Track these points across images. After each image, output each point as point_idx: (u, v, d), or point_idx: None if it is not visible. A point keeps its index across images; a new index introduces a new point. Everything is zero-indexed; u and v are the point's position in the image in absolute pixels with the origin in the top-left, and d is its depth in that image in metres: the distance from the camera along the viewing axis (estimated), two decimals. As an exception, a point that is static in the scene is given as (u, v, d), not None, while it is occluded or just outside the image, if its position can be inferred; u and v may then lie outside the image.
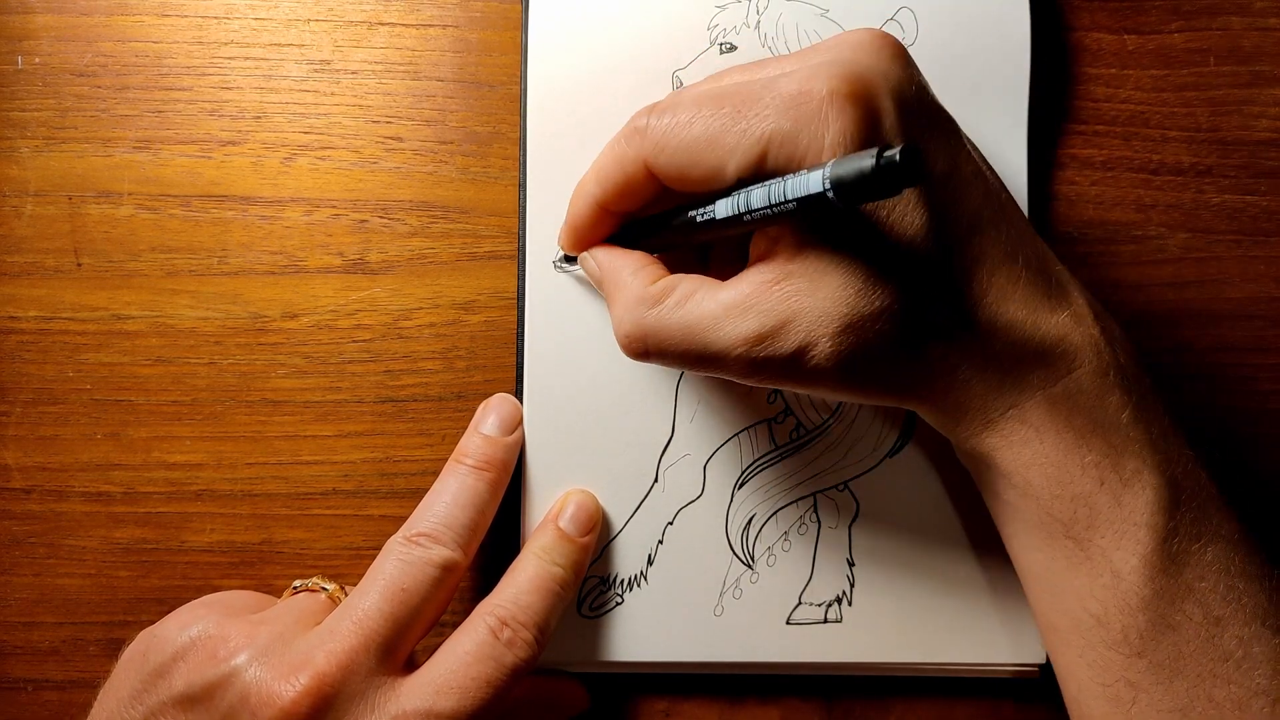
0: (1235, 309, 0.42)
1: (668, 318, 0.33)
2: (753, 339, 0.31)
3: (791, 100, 0.30)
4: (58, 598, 0.41)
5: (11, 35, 0.42)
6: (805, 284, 0.31)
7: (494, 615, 0.35)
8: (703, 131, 0.31)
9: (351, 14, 0.42)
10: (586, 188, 0.36)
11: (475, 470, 0.37)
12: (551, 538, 0.38)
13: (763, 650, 0.39)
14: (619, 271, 0.35)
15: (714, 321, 0.32)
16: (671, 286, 0.34)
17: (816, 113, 0.30)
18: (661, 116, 0.33)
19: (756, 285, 0.32)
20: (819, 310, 0.31)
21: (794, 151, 0.30)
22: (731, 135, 0.31)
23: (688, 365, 0.33)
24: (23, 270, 0.41)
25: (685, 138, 0.32)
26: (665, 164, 0.33)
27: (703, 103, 0.32)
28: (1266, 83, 0.42)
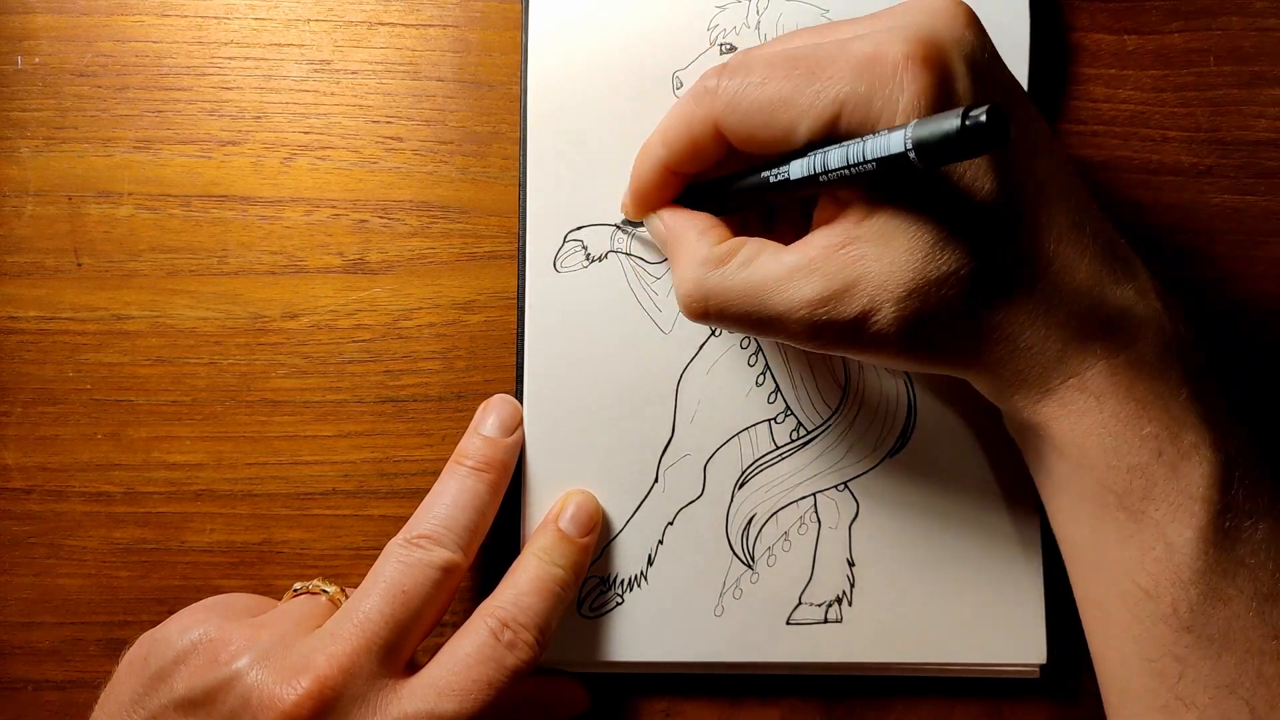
0: (1235, 309, 0.42)
1: (731, 278, 0.33)
2: (815, 301, 0.31)
3: (866, 62, 0.30)
4: (58, 598, 0.41)
5: (11, 35, 0.42)
6: (872, 248, 0.31)
7: (494, 617, 0.35)
8: (775, 92, 0.31)
9: (351, 14, 0.42)
10: (652, 149, 0.36)
11: (475, 471, 0.37)
12: (552, 538, 0.38)
13: (763, 650, 0.39)
14: (684, 232, 0.35)
15: (777, 283, 0.32)
16: (736, 248, 0.33)
17: (891, 76, 0.30)
18: (733, 77, 0.32)
19: (822, 248, 0.32)
20: (885, 274, 0.31)
21: (868, 114, 0.30)
22: (805, 97, 0.31)
23: (748, 327, 0.33)
24: (23, 270, 0.41)
25: (757, 98, 0.32)
26: (736, 124, 0.32)
27: (775, 63, 0.32)
28: (1266, 83, 0.42)
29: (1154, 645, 0.32)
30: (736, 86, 0.32)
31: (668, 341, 0.40)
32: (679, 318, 0.40)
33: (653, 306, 0.40)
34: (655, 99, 0.40)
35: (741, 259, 0.33)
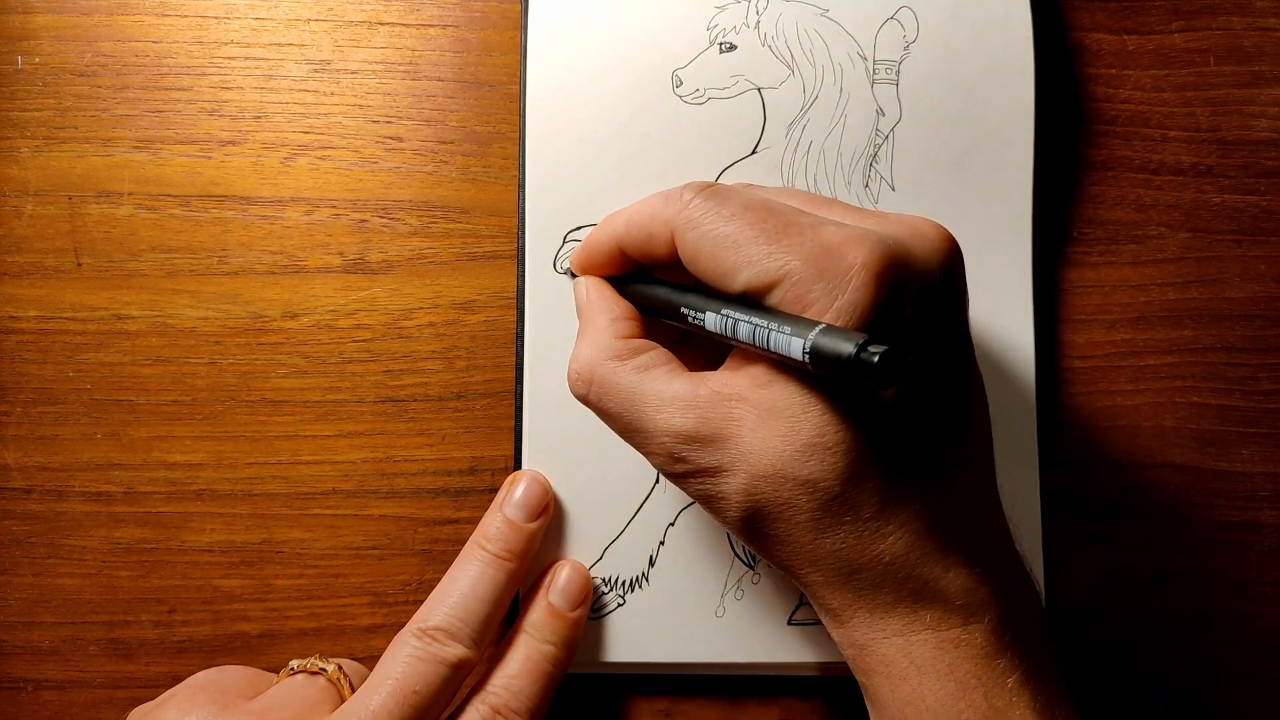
0: (1235, 309, 0.42)
1: (620, 378, 0.33)
2: (681, 436, 0.31)
3: (825, 250, 0.29)
4: (58, 598, 0.41)
5: (11, 35, 0.42)
6: (753, 417, 0.30)
7: (486, 704, 0.35)
8: (734, 233, 0.31)
9: (351, 14, 0.42)
10: (615, 223, 0.36)
11: (496, 559, 0.37)
12: (542, 614, 0.38)
13: (764, 651, 0.39)
14: (596, 313, 0.35)
15: (658, 402, 0.32)
16: (640, 349, 0.33)
17: (842, 274, 0.29)
18: (709, 200, 0.32)
19: (710, 392, 0.31)
20: (751, 447, 0.30)
21: (803, 296, 0.29)
22: (757, 250, 0.30)
23: (616, 427, 0.33)
24: (23, 270, 0.41)
25: (716, 231, 0.31)
26: (688, 242, 0.32)
27: (752, 208, 0.31)
28: (1266, 83, 0.42)
29: None
30: (705, 210, 0.32)
31: (668, 341, 0.40)
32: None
33: (653, 306, 0.40)
34: (655, 99, 0.40)
35: (638, 364, 0.33)
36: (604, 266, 0.37)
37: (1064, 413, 0.41)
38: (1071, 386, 0.41)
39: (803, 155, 0.40)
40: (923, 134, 0.40)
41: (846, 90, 0.40)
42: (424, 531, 0.41)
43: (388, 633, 0.40)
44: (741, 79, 0.40)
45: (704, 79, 0.40)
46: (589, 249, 0.37)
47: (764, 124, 0.40)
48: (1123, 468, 0.41)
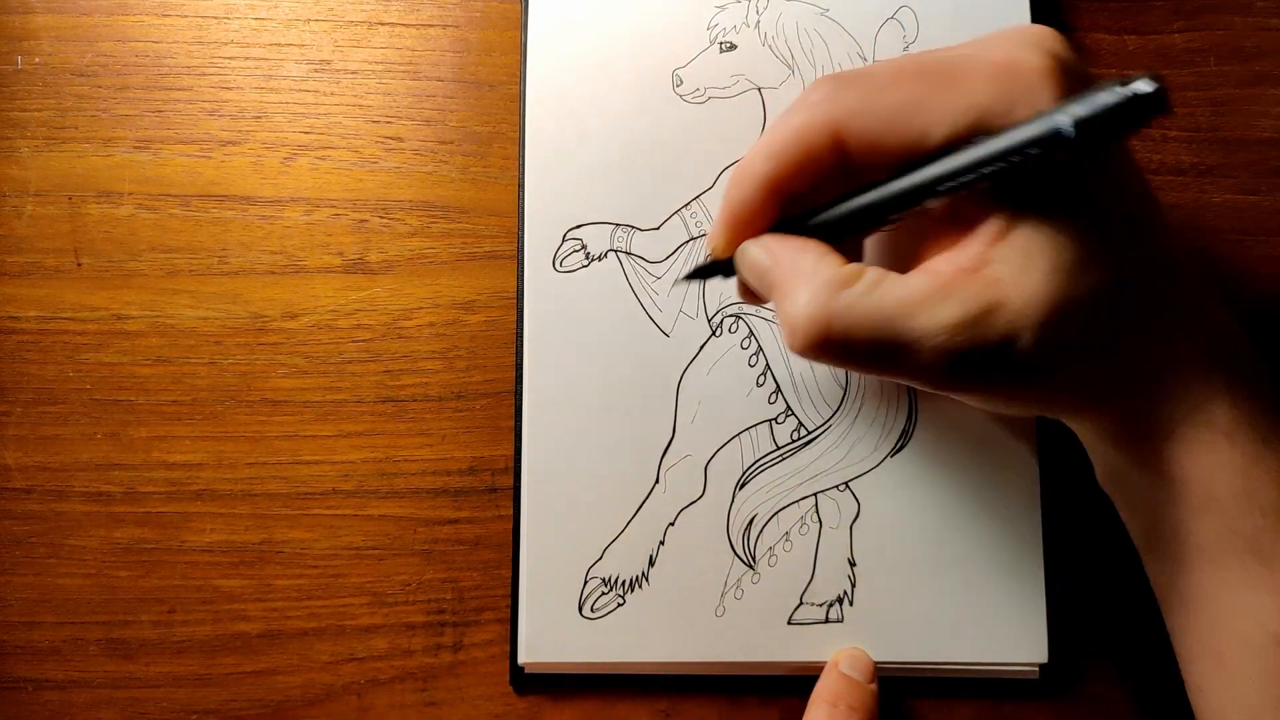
0: (1237, 308, 0.41)
1: (859, 303, 0.30)
2: (953, 327, 0.29)
3: (1005, 70, 0.29)
4: (58, 598, 0.41)
5: (11, 35, 0.42)
6: (1009, 269, 0.29)
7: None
8: (908, 97, 0.30)
9: (351, 14, 0.42)
10: (754, 168, 0.32)
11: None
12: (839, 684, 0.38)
13: (764, 650, 0.39)
14: (799, 258, 0.31)
15: (913, 306, 0.29)
16: (858, 273, 0.30)
17: (1031, 84, 0.29)
18: (854, 85, 0.31)
19: (953, 271, 0.30)
20: (1026, 295, 0.29)
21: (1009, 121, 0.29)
22: (939, 101, 0.29)
23: (872, 359, 0.30)
24: (23, 270, 0.41)
25: (886, 103, 0.30)
26: (861, 128, 0.30)
27: (902, 71, 0.30)
28: (1268, 82, 0.42)
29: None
30: (859, 92, 0.30)
31: (668, 341, 0.40)
32: (679, 317, 0.40)
33: (653, 306, 0.40)
34: (655, 98, 0.40)
35: (869, 280, 0.30)
36: (758, 224, 0.33)
37: (1064, 413, 0.41)
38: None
39: (803, 155, 0.40)
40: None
41: (846, 90, 0.40)
42: (424, 531, 0.41)
43: (387, 633, 0.40)
44: (742, 79, 0.40)
45: (704, 78, 0.40)
46: (736, 210, 0.33)
47: (764, 123, 0.40)
48: (1123, 468, 0.41)
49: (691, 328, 0.40)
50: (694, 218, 0.40)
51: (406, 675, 0.41)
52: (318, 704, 0.41)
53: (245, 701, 0.41)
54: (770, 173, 0.32)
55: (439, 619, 0.41)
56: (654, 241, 0.40)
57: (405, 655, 0.41)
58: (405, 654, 0.41)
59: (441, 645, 0.41)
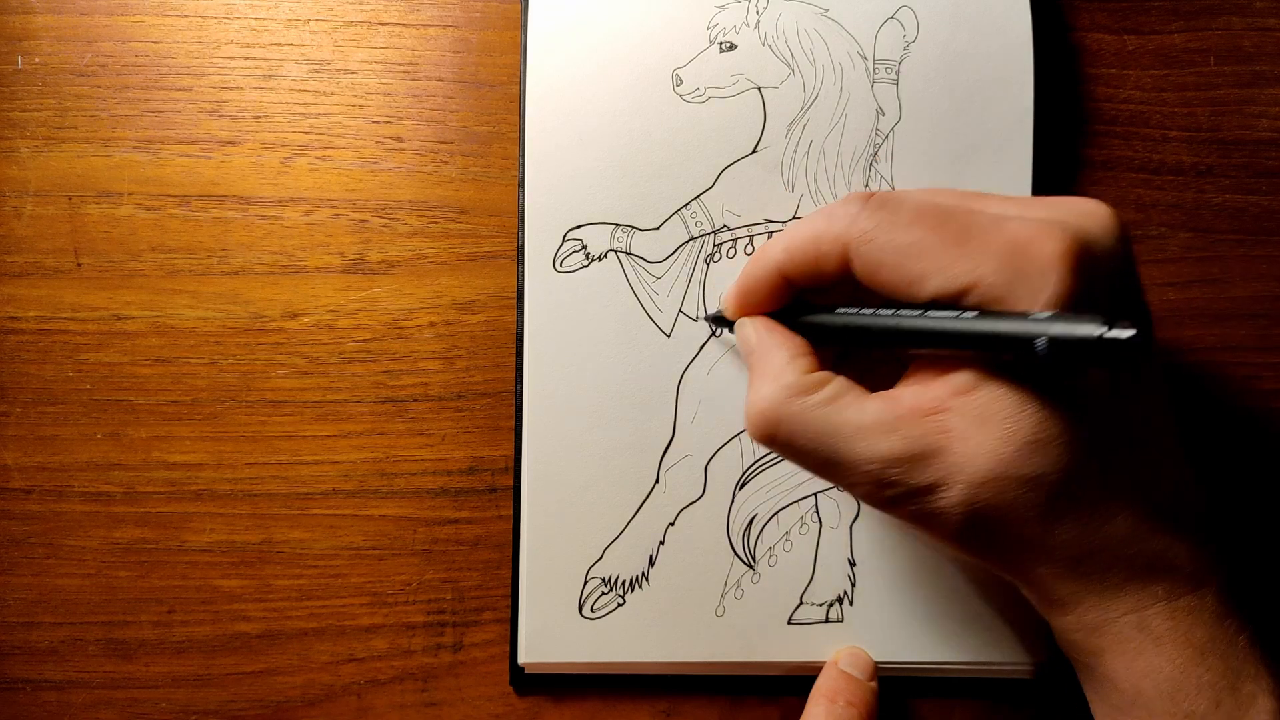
0: (1237, 308, 0.42)
1: (810, 413, 0.32)
2: (888, 460, 0.30)
3: (1018, 247, 0.29)
4: (57, 598, 0.41)
5: (11, 35, 0.42)
6: (963, 424, 0.30)
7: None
8: (917, 240, 0.31)
9: (351, 14, 0.42)
10: (771, 254, 0.35)
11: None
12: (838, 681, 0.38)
13: (764, 650, 0.39)
14: (774, 351, 0.34)
15: (856, 431, 0.31)
16: (823, 381, 0.33)
17: (1040, 269, 0.29)
18: (879, 211, 0.32)
19: (910, 409, 0.31)
20: (969, 455, 0.30)
21: (1003, 298, 0.29)
22: (945, 256, 0.30)
23: (810, 464, 0.33)
24: (23, 270, 0.41)
25: (896, 240, 0.31)
26: (865, 255, 0.32)
27: (924, 213, 0.31)
28: (1267, 82, 0.42)
29: None
30: (879, 220, 0.31)
31: (668, 342, 0.40)
32: (679, 318, 0.40)
33: (653, 306, 0.40)
34: (655, 98, 0.40)
35: (826, 395, 0.32)
36: (764, 302, 0.36)
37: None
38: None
39: (803, 155, 0.40)
40: (923, 134, 0.40)
41: (846, 90, 0.40)
42: (424, 532, 0.41)
43: (387, 633, 0.40)
44: (742, 78, 0.40)
45: (704, 78, 0.40)
46: (749, 286, 0.36)
47: (764, 123, 0.40)
48: (1123, 468, 0.41)
49: (691, 328, 0.40)
50: (694, 217, 0.40)
51: (406, 675, 0.41)
52: (318, 704, 0.41)
53: (245, 702, 0.41)
54: (782, 264, 0.34)
55: (439, 619, 0.41)
56: (654, 241, 0.40)
57: (405, 655, 0.41)
58: (405, 654, 0.41)
59: (441, 645, 0.41)
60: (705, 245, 0.40)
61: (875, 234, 0.31)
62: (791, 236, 0.34)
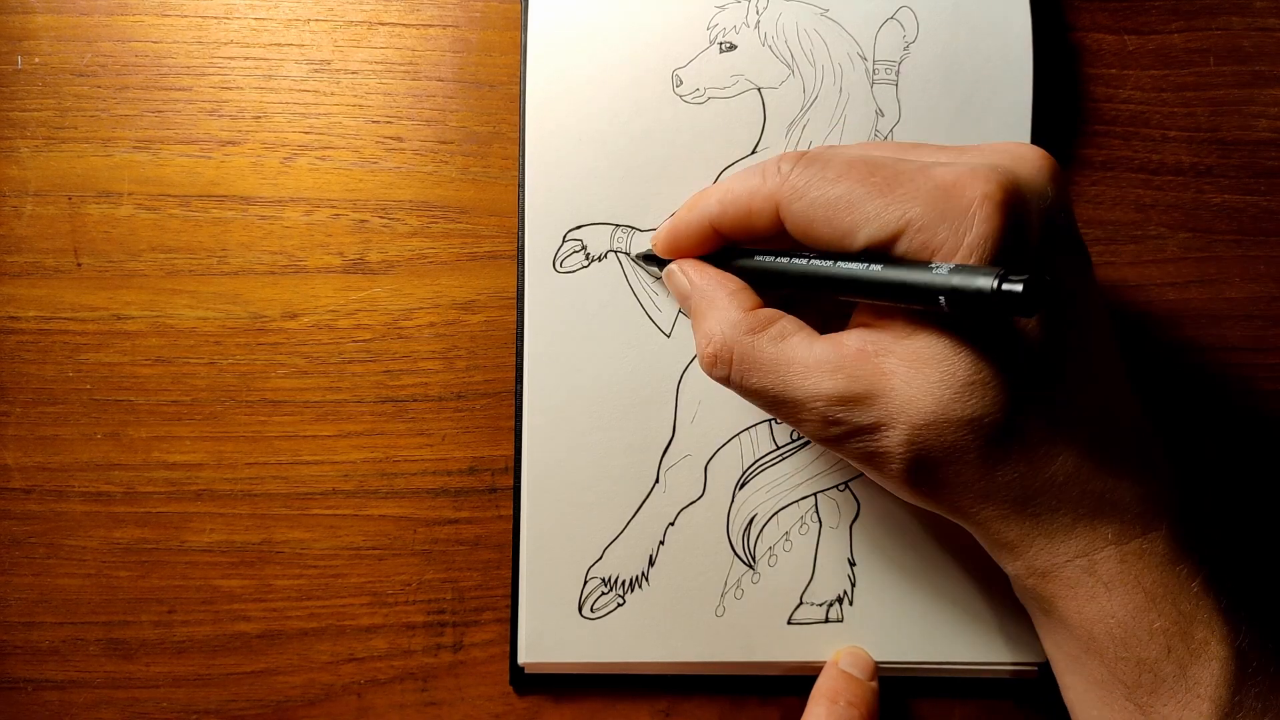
0: (1235, 309, 0.42)
1: (762, 349, 0.33)
2: (834, 398, 0.31)
3: (943, 190, 0.30)
4: (58, 598, 0.41)
5: (11, 35, 0.42)
6: (903, 367, 0.30)
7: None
8: (845, 193, 0.31)
9: (351, 14, 0.42)
10: (706, 202, 0.35)
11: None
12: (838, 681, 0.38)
13: (764, 650, 0.39)
14: (715, 291, 0.35)
15: (804, 368, 0.32)
16: (772, 319, 0.33)
17: (964, 210, 0.29)
18: (808, 167, 0.32)
19: (854, 350, 0.31)
20: (908, 397, 0.30)
21: (929, 241, 0.29)
22: (873, 205, 0.30)
23: (764, 401, 0.33)
24: (23, 270, 0.41)
25: (826, 194, 0.31)
26: (797, 212, 0.32)
27: (853, 166, 0.31)
28: (1266, 83, 0.42)
29: None
30: (808, 177, 0.32)
31: (668, 342, 0.40)
32: (679, 318, 0.40)
33: (653, 306, 0.40)
34: (655, 98, 0.40)
35: (775, 332, 0.33)
36: (694, 248, 0.37)
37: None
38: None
39: (803, 155, 0.40)
40: (922, 134, 0.40)
41: (846, 90, 0.40)
42: (424, 532, 0.41)
43: (387, 633, 0.40)
44: (741, 79, 0.40)
45: (704, 79, 0.40)
46: (676, 231, 0.37)
47: (764, 123, 0.40)
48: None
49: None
50: (694, 218, 0.40)
51: (406, 675, 0.41)
52: (318, 704, 0.41)
53: (245, 701, 0.41)
54: (715, 216, 0.35)
55: (439, 619, 0.41)
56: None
57: (405, 655, 0.41)
58: (405, 654, 0.41)
59: (441, 645, 0.41)
60: None
61: (806, 190, 0.32)
62: (725, 190, 0.35)
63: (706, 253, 0.37)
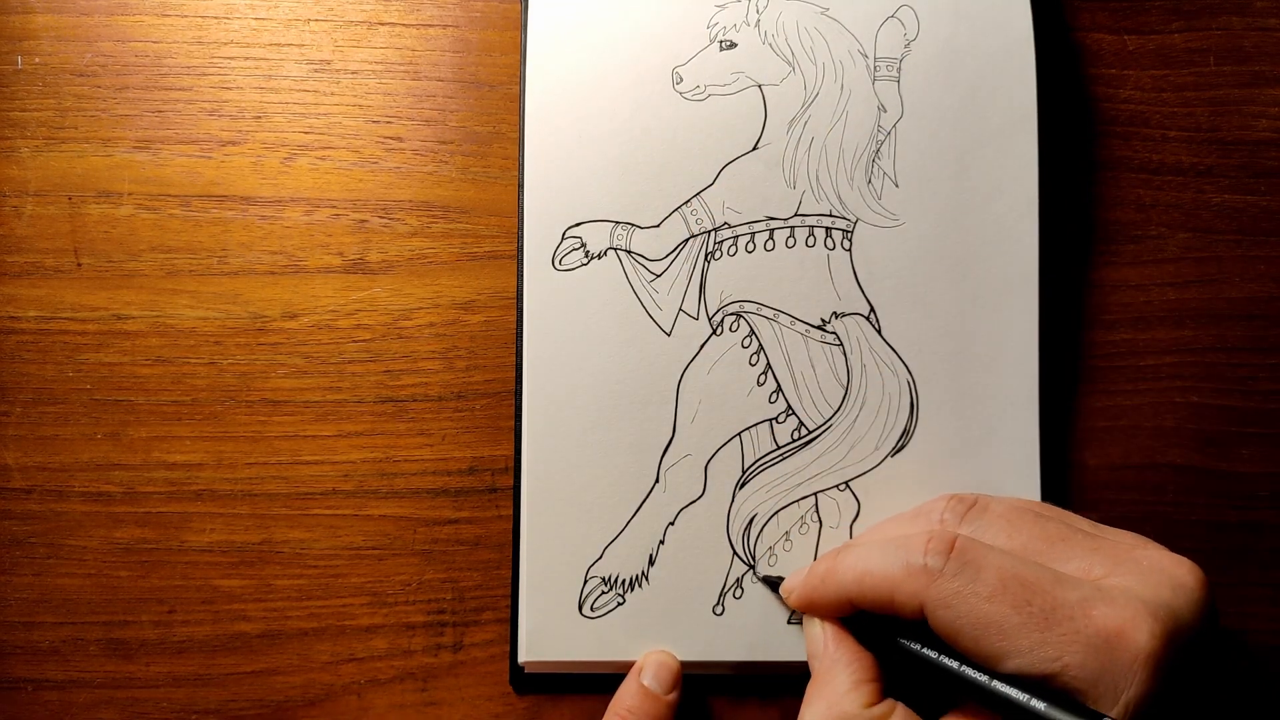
0: (1235, 308, 0.42)
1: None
2: None
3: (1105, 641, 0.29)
4: (58, 598, 0.41)
5: (11, 35, 0.42)
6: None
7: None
8: (999, 617, 0.30)
9: (351, 14, 0.42)
10: (843, 579, 0.35)
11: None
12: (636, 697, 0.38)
13: (764, 650, 0.39)
14: (839, 671, 0.34)
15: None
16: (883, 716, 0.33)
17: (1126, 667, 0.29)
18: (958, 575, 0.31)
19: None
20: None
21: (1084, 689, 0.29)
22: (1027, 639, 0.30)
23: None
24: (23, 270, 0.41)
25: (978, 613, 0.31)
26: (943, 620, 0.31)
27: (1008, 587, 0.30)
28: (1266, 83, 0.42)
29: None
30: (957, 587, 0.31)
31: (668, 341, 0.40)
32: (679, 316, 0.40)
33: (653, 305, 0.40)
34: (655, 96, 0.40)
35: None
36: (829, 613, 0.36)
37: (1065, 413, 0.41)
38: (1071, 386, 0.41)
39: (804, 151, 0.40)
40: (925, 131, 0.40)
41: (848, 87, 0.40)
42: (424, 532, 0.41)
43: (387, 633, 0.40)
44: (742, 76, 0.40)
45: (704, 76, 0.40)
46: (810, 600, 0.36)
47: (765, 120, 0.40)
48: (1123, 468, 0.41)
49: (692, 326, 0.40)
50: (694, 215, 0.40)
51: (406, 675, 0.41)
52: (318, 704, 0.41)
53: (245, 701, 0.41)
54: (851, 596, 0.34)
55: (439, 619, 0.41)
56: (654, 239, 0.40)
57: (405, 655, 0.41)
58: (405, 654, 0.41)
59: (441, 645, 0.41)
60: (706, 243, 0.40)
61: (954, 602, 0.31)
62: (866, 574, 0.34)
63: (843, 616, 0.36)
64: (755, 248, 0.40)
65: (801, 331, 0.40)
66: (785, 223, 0.40)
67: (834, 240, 0.40)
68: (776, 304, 0.40)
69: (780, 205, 0.40)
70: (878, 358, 0.40)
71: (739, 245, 0.40)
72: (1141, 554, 0.32)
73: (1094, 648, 0.29)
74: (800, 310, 0.40)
